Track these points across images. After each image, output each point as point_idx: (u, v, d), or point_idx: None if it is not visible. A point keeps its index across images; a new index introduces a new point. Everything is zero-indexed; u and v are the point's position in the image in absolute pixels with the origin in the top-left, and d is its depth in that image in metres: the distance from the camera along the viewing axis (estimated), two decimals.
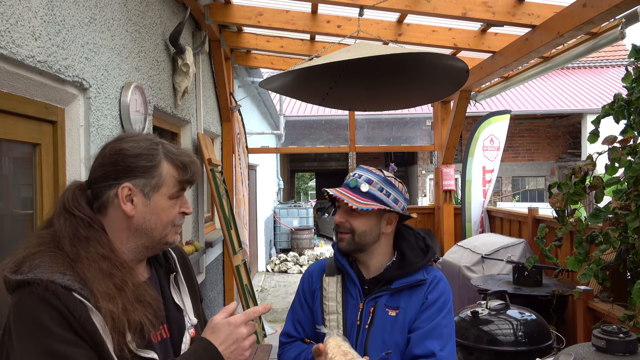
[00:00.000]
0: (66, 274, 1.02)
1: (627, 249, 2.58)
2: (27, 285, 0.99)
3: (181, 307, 1.26)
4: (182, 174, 1.17)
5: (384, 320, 1.51)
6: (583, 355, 1.68)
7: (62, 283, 1.00)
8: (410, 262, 1.56)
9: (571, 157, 14.67)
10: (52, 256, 1.04)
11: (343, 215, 1.55)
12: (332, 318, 1.56)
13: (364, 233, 1.54)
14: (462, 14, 3.50)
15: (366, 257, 1.60)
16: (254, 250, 9.30)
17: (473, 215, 5.87)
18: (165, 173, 1.15)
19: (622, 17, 3.21)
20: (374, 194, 1.54)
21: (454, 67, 2.73)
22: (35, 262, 1.02)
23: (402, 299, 1.53)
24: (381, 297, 1.54)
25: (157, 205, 1.14)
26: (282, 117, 11.65)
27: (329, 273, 1.63)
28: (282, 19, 4.23)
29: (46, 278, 0.99)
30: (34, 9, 1.77)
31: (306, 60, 4.84)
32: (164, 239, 1.17)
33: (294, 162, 20.80)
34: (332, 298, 1.58)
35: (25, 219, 1.96)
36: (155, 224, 1.15)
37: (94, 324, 1.00)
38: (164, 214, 1.16)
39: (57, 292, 0.98)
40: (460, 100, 5.44)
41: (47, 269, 1.01)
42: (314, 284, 1.65)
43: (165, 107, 3.34)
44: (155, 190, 1.14)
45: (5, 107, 1.74)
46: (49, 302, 0.98)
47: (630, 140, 2.55)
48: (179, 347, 1.21)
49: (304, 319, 1.64)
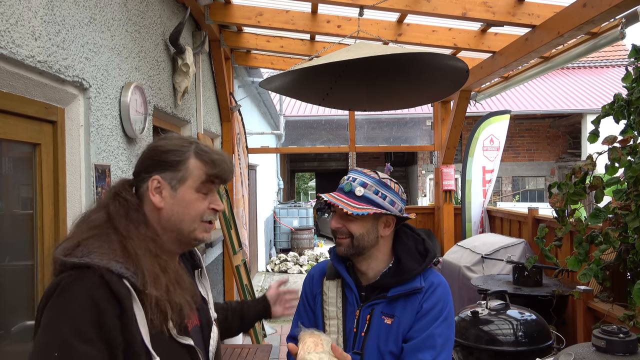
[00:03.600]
0: (120, 261, 1.07)
1: (627, 249, 2.58)
2: (82, 268, 1.05)
3: (207, 300, 1.32)
4: (210, 168, 1.20)
5: (379, 328, 1.48)
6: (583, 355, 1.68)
7: (116, 271, 1.05)
8: (406, 269, 1.50)
9: (571, 157, 14.67)
10: (106, 239, 1.10)
11: (339, 220, 1.51)
12: (332, 323, 1.54)
13: (362, 237, 1.50)
14: (462, 14, 3.50)
15: (365, 262, 1.55)
16: (254, 250, 9.30)
17: (473, 215, 5.87)
18: (192, 167, 1.19)
19: (622, 17, 3.21)
20: (369, 197, 1.49)
21: (454, 67, 2.73)
22: (90, 247, 1.08)
23: (397, 307, 1.49)
24: (378, 305, 1.50)
25: (184, 198, 1.18)
26: (282, 117, 11.65)
27: (329, 277, 1.60)
28: (282, 19, 4.23)
29: (103, 265, 1.05)
30: (34, 9, 1.77)
31: (306, 60, 4.84)
32: (192, 234, 1.20)
33: (294, 162, 20.79)
34: (332, 303, 1.56)
35: (25, 219, 1.96)
36: (182, 217, 1.18)
37: (134, 315, 1.05)
38: (191, 207, 1.18)
39: (110, 281, 1.04)
40: (460, 100, 5.44)
41: (103, 255, 1.06)
42: (315, 287, 1.63)
43: (165, 107, 3.34)
44: (181, 182, 1.18)
45: (5, 107, 1.74)
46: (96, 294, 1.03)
47: (630, 140, 2.55)
48: (208, 335, 1.27)
49: (307, 322, 1.61)
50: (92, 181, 2.21)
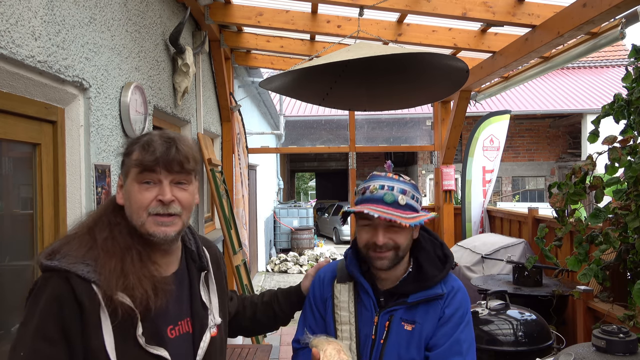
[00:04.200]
0: (89, 264, 1.09)
1: (627, 249, 2.58)
2: (52, 271, 1.08)
3: (207, 306, 1.27)
4: (142, 154, 1.15)
5: (399, 335, 1.42)
6: (583, 355, 1.68)
7: (82, 274, 1.07)
8: (427, 275, 1.46)
9: (571, 157, 14.67)
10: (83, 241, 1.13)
11: (386, 235, 1.40)
12: (345, 329, 1.47)
13: (406, 247, 1.45)
14: (462, 14, 3.50)
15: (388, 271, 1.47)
16: (254, 250, 9.30)
17: (473, 215, 5.87)
18: (133, 158, 1.16)
19: (622, 17, 3.21)
20: (411, 204, 1.42)
21: (454, 67, 2.73)
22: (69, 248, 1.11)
23: (418, 313, 1.44)
24: (397, 311, 1.44)
25: (128, 190, 1.17)
26: (282, 117, 11.65)
27: (340, 280, 1.52)
28: (282, 19, 4.23)
29: (69, 268, 1.07)
30: (34, 9, 1.77)
31: (306, 60, 4.84)
32: (143, 228, 1.15)
33: (294, 162, 20.79)
34: (344, 308, 1.48)
35: (25, 219, 1.96)
36: (131, 210, 1.17)
37: (98, 319, 1.06)
38: (133, 199, 1.16)
39: (74, 285, 1.06)
40: (460, 100, 5.44)
41: (76, 258, 1.09)
42: (326, 291, 1.54)
43: (165, 107, 3.34)
44: (127, 176, 1.18)
45: (5, 107, 1.74)
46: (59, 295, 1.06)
47: (630, 140, 2.55)
48: (198, 344, 1.22)
49: (315, 326, 1.53)
50: (92, 181, 2.21)
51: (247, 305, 1.60)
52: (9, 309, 1.85)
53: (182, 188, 1.18)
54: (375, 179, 1.47)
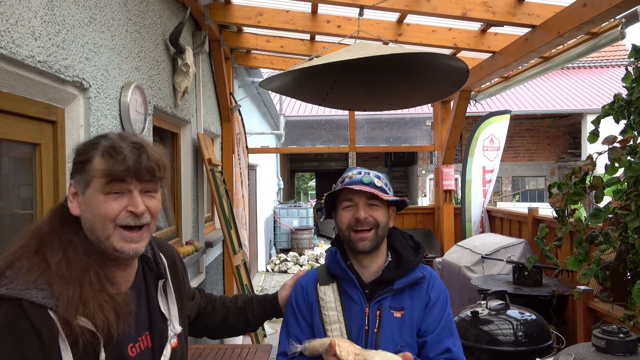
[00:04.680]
0: (43, 288, 0.98)
1: (627, 249, 2.58)
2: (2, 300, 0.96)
3: (166, 317, 1.22)
4: (108, 162, 1.05)
5: (391, 323, 1.51)
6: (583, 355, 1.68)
7: (36, 301, 0.96)
8: (406, 260, 1.58)
9: (571, 157, 14.67)
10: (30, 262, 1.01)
11: (367, 210, 1.53)
12: (335, 327, 1.52)
13: (384, 226, 1.56)
14: (462, 14, 3.50)
15: (370, 258, 1.58)
16: (254, 250, 9.30)
17: (473, 215, 5.87)
18: (95, 167, 1.06)
19: (622, 17, 3.21)
20: (384, 188, 1.57)
21: (454, 67, 2.73)
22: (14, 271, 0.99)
23: (404, 300, 1.54)
24: (385, 300, 1.53)
25: (90, 202, 1.06)
26: (282, 117, 11.65)
27: (323, 282, 1.58)
28: (282, 19, 4.23)
29: (21, 296, 0.95)
30: (34, 9, 1.77)
31: (306, 60, 4.84)
32: (108, 242, 1.06)
33: (294, 162, 20.79)
34: (331, 307, 1.54)
35: (25, 219, 1.96)
36: (92, 222, 1.06)
37: (57, 347, 0.97)
38: (97, 211, 1.05)
39: (28, 312, 0.95)
40: (460, 100, 5.44)
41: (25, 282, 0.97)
42: (310, 296, 1.59)
43: (165, 107, 3.34)
44: (86, 186, 1.06)
45: (5, 107, 1.74)
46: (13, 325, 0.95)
47: (630, 140, 2.55)
48: (158, 357, 1.17)
49: (301, 334, 1.57)
50: None
51: (217, 308, 1.56)
52: None
53: (151, 196, 1.11)
54: (352, 169, 1.62)
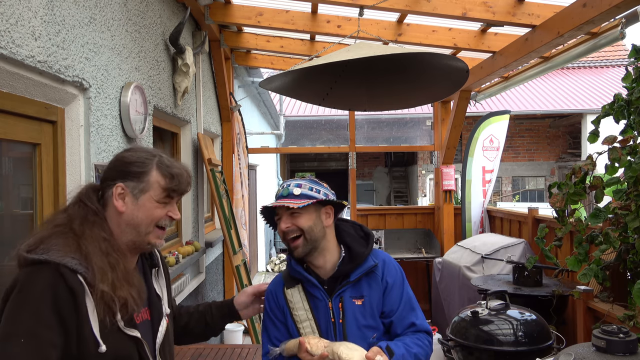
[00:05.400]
0: (75, 257, 1.20)
1: (627, 249, 2.58)
2: (39, 264, 1.18)
3: (160, 296, 1.46)
4: (168, 182, 1.35)
5: (354, 311, 1.65)
6: (583, 355, 1.68)
7: (70, 266, 1.19)
8: (357, 253, 1.70)
9: (571, 157, 14.67)
10: (64, 238, 1.23)
11: (287, 220, 1.64)
12: (305, 325, 1.66)
13: (311, 229, 1.64)
14: (462, 14, 3.50)
15: (320, 257, 1.70)
16: (254, 250, 9.30)
17: (473, 215, 5.87)
18: (153, 180, 1.34)
19: (622, 17, 3.21)
20: (306, 193, 1.66)
21: (454, 67, 2.73)
22: (49, 244, 1.21)
23: (363, 288, 1.68)
24: (345, 292, 1.67)
25: (144, 205, 1.33)
26: (282, 117, 11.65)
27: (288, 286, 1.71)
28: (282, 19, 4.23)
29: (58, 261, 1.18)
30: (34, 9, 1.77)
31: (306, 60, 4.84)
32: (146, 237, 1.34)
33: (294, 162, 20.78)
34: (299, 307, 1.68)
35: (25, 219, 1.96)
36: (140, 220, 1.33)
37: (86, 306, 1.19)
38: (149, 213, 1.33)
39: (65, 275, 1.17)
40: (460, 100, 5.44)
41: (59, 252, 1.20)
42: (280, 300, 1.72)
43: (165, 107, 3.34)
44: (142, 192, 1.33)
45: (5, 107, 1.75)
46: (53, 284, 1.16)
47: (630, 140, 2.55)
48: (157, 329, 1.41)
49: (279, 336, 1.71)
50: (92, 181, 2.21)
51: (182, 313, 1.72)
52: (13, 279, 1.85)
53: None
54: (282, 183, 1.75)
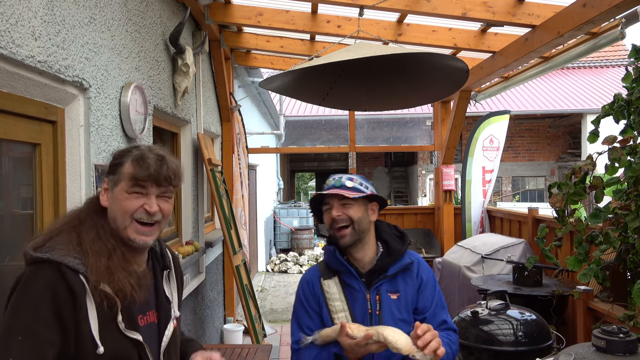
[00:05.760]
0: (77, 257, 1.21)
1: (627, 249, 2.58)
2: (41, 262, 1.19)
3: (170, 299, 1.44)
4: (136, 169, 1.31)
5: (389, 304, 1.74)
6: (583, 355, 1.68)
7: (72, 265, 1.19)
8: (395, 249, 1.80)
9: (571, 157, 14.67)
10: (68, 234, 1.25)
11: (339, 209, 1.74)
12: (341, 315, 1.73)
13: (360, 220, 1.75)
14: (462, 14, 3.50)
15: (361, 250, 1.79)
16: (254, 250, 9.30)
17: (473, 215, 5.87)
18: (124, 171, 1.32)
19: (622, 17, 3.21)
20: (357, 187, 1.76)
21: (454, 67, 2.73)
22: (55, 242, 1.23)
23: (398, 283, 1.78)
24: (382, 285, 1.76)
25: (117, 197, 1.32)
26: (282, 117, 11.65)
27: (326, 277, 1.79)
28: (282, 19, 4.23)
29: (60, 260, 1.19)
30: (34, 9, 1.77)
31: (306, 60, 4.84)
32: (125, 232, 1.31)
33: (294, 162, 20.79)
34: (335, 298, 1.75)
35: (25, 219, 1.96)
36: (115, 213, 1.32)
37: (86, 306, 1.19)
38: (121, 204, 1.31)
39: (65, 274, 1.18)
40: (460, 100, 5.44)
41: (62, 251, 1.21)
42: (316, 290, 1.80)
43: (165, 107, 3.34)
44: (115, 184, 1.33)
45: (5, 107, 1.75)
46: (53, 283, 1.17)
47: (630, 140, 2.55)
48: (163, 332, 1.39)
49: (312, 324, 1.78)
50: (92, 181, 2.21)
51: None
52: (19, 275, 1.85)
53: (166, 200, 1.36)
54: (331, 176, 1.85)
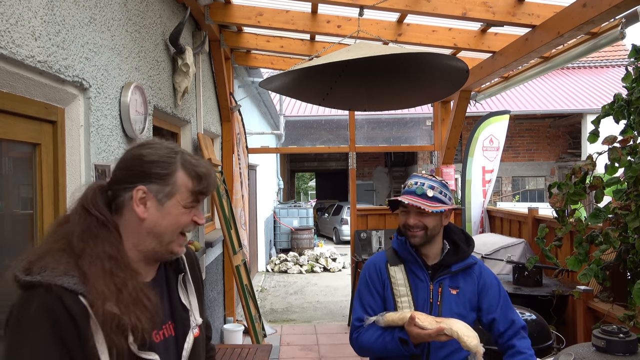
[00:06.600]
0: (74, 275, 1.04)
1: (627, 249, 2.58)
2: (35, 287, 1.02)
3: (187, 307, 1.29)
4: (196, 184, 1.20)
5: (449, 298, 1.87)
6: (583, 355, 1.68)
7: (68, 287, 1.02)
8: (462, 250, 1.93)
9: (571, 157, 14.66)
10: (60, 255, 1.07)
11: (416, 217, 1.85)
12: (404, 300, 1.87)
13: (434, 228, 1.87)
14: (462, 14, 3.50)
15: (430, 247, 1.92)
16: (254, 250, 9.30)
17: (473, 215, 5.87)
18: (179, 182, 1.18)
19: (622, 17, 3.21)
20: (438, 197, 1.86)
21: (454, 67, 2.73)
22: (44, 263, 1.05)
23: (459, 281, 1.91)
24: (445, 279, 1.89)
25: (170, 212, 1.17)
26: (282, 117, 11.64)
27: (393, 263, 1.93)
28: (282, 19, 4.23)
29: (54, 282, 1.02)
30: (34, 9, 1.77)
31: (306, 60, 4.84)
32: (170, 246, 1.19)
33: (294, 162, 20.79)
34: (401, 284, 1.89)
35: (25, 219, 1.96)
36: (165, 229, 1.17)
37: (91, 331, 1.03)
38: (175, 220, 1.18)
39: (62, 297, 1.01)
40: (460, 100, 5.44)
41: (55, 271, 1.04)
42: (382, 274, 1.94)
43: (165, 107, 3.34)
44: (168, 197, 1.17)
45: (5, 107, 1.74)
46: (50, 310, 1.00)
47: (630, 140, 2.55)
48: (182, 345, 1.25)
49: (374, 305, 1.91)
50: (92, 181, 2.21)
51: None
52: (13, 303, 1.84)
53: None
54: (413, 177, 1.94)
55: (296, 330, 6.07)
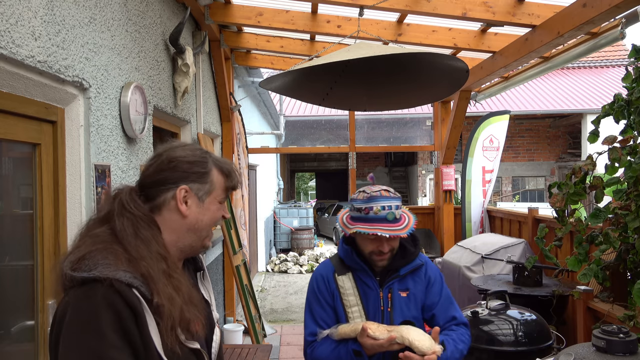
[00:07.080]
0: (128, 271, 1.09)
1: (627, 249, 2.58)
2: (92, 282, 1.05)
3: (210, 302, 1.37)
4: (228, 180, 1.31)
5: (400, 302, 1.86)
6: (583, 355, 1.68)
7: (125, 280, 1.07)
8: (409, 252, 1.92)
9: (571, 157, 14.67)
10: (112, 253, 1.10)
11: (389, 244, 1.81)
12: (354, 310, 1.84)
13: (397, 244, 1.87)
14: (462, 14, 3.50)
15: None
16: (254, 250, 9.30)
17: (473, 215, 5.87)
18: (215, 180, 1.28)
19: (622, 17, 3.21)
20: (403, 214, 1.84)
21: (454, 67, 2.73)
22: (95, 260, 1.08)
23: (408, 282, 1.89)
24: (394, 284, 1.87)
25: (209, 208, 1.27)
26: (282, 117, 11.65)
27: (340, 272, 1.89)
28: (282, 19, 4.23)
29: (111, 276, 1.06)
30: (34, 9, 1.77)
31: (306, 60, 4.84)
32: (204, 241, 1.29)
33: (294, 162, 20.79)
34: (350, 293, 1.86)
35: (25, 219, 1.96)
36: (204, 224, 1.27)
37: (147, 323, 1.08)
38: (212, 215, 1.28)
39: (121, 290, 1.06)
40: (460, 100, 5.44)
41: (110, 266, 1.08)
42: (331, 284, 1.89)
43: (165, 107, 3.34)
44: (208, 194, 1.26)
45: (5, 107, 1.74)
46: (112, 302, 1.05)
47: (630, 140, 2.55)
48: (210, 339, 1.31)
49: (326, 317, 1.87)
50: (92, 181, 2.21)
51: None
52: (9, 309, 1.85)
53: None
54: (375, 200, 1.80)
55: (296, 330, 6.07)
